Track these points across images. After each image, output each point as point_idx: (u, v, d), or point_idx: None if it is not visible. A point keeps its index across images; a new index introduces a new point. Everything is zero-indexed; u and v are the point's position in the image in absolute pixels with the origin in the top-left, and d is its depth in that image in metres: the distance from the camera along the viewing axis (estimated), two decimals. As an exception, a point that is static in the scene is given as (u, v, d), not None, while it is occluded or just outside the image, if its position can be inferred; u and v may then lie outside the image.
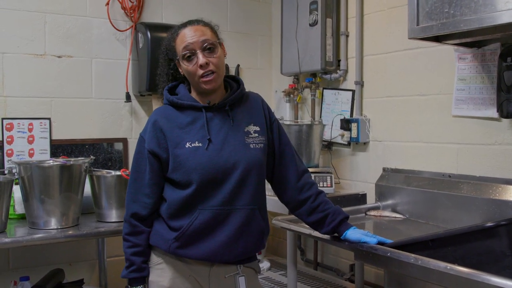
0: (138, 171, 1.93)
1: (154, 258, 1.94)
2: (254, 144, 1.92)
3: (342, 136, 3.34)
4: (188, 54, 1.87)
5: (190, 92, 1.99)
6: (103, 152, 3.42)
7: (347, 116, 3.34)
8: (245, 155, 1.88)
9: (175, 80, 2.03)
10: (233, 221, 1.85)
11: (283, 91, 3.80)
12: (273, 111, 2.13)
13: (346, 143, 3.36)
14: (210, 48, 1.89)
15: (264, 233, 1.96)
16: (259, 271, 2.07)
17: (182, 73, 1.96)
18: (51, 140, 3.24)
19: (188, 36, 1.89)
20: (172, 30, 1.99)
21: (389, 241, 1.90)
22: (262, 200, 1.96)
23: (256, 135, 1.94)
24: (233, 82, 2.03)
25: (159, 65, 2.06)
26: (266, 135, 1.99)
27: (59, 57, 3.28)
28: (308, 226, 2.13)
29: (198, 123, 1.90)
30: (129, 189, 1.95)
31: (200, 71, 1.86)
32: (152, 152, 1.89)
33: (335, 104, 3.47)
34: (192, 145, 1.86)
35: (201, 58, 1.86)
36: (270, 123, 2.03)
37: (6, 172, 2.73)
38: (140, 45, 3.39)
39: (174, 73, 2.02)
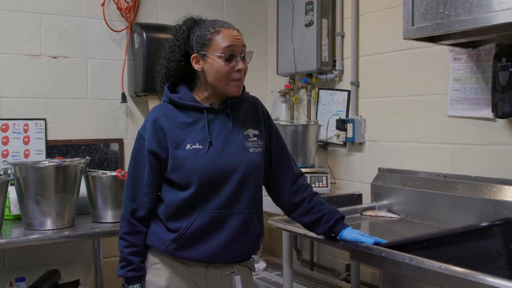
0: (136, 170, 1.91)
1: (151, 258, 1.93)
2: (253, 148, 1.91)
3: (338, 136, 3.34)
4: (230, 55, 1.83)
5: (191, 90, 1.95)
6: (98, 152, 3.42)
7: (343, 116, 3.35)
8: (245, 159, 1.87)
9: (179, 76, 1.95)
10: (231, 225, 1.85)
11: (279, 92, 3.81)
12: (269, 111, 2.11)
13: (342, 143, 3.37)
14: (244, 56, 1.89)
15: (260, 235, 1.96)
16: (253, 269, 2.08)
17: (199, 68, 1.88)
18: (46, 141, 3.23)
19: (233, 37, 1.85)
20: (204, 22, 1.91)
21: (384, 241, 1.91)
22: (259, 203, 1.96)
23: (255, 139, 1.94)
24: None
25: (166, 57, 1.94)
26: (264, 139, 1.98)
27: (54, 57, 3.27)
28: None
29: (199, 124, 1.88)
30: (127, 187, 1.93)
31: (236, 75, 1.85)
32: (152, 151, 1.87)
33: (331, 105, 3.47)
34: (193, 147, 1.84)
35: (241, 64, 1.85)
36: (268, 128, 2.02)
37: (1, 173, 2.73)
38: (136, 46, 3.39)
39: (188, 70, 1.92)
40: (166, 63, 1.95)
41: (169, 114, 1.89)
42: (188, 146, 1.84)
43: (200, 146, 1.85)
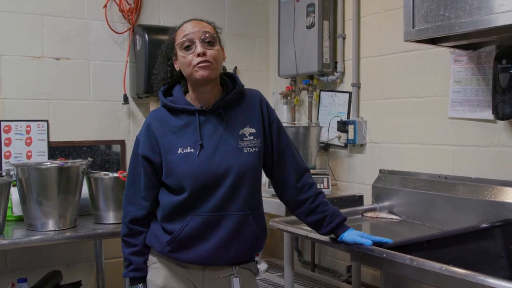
0: (134, 174, 1.95)
1: (150, 258, 1.96)
2: (248, 148, 1.89)
3: (339, 138, 3.35)
4: (187, 44, 1.85)
5: (186, 93, 1.97)
6: (100, 154, 3.43)
7: (344, 118, 3.35)
8: (238, 161, 1.86)
9: (172, 79, 1.99)
10: (225, 227, 1.84)
11: (280, 93, 3.81)
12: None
13: (343, 145, 3.37)
14: (210, 41, 1.86)
15: (259, 237, 1.93)
16: (256, 272, 2.05)
17: (178, 69, 1.93)
18: (49, 142, 3.24)
19: (190, 27, 1.88)
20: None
21: (386, 240, 1.91)
22: (255, 204, 1.94)
23: (251, 138, 1.91)
24: (229, 80, 1.99)
25: (156, 64, 2.02)
26: (263, 136, 1.95)
27: (56, 59, 3.28)
28: (305, 228, 2.14)
29: (191, 127, 1.88)
30: (126, 191, 1.97)
31: (196, 60, 1.83)
32: (145, 157, 1.90)
33: (332, 106, 3.48)
34: (184, 151, 1.85)
35: (199, 47, 1.83)
36: (269, 123, 1.98)
37: (3, 174, 2.73)
38: (138, 47, 3.40)
39: (171, 71, 1.97)
40: (157, 73, 2.03)
41: (163, 119, 1.92)
42: (179, 151, 1.85)
43: (192, 150, 1.85)
